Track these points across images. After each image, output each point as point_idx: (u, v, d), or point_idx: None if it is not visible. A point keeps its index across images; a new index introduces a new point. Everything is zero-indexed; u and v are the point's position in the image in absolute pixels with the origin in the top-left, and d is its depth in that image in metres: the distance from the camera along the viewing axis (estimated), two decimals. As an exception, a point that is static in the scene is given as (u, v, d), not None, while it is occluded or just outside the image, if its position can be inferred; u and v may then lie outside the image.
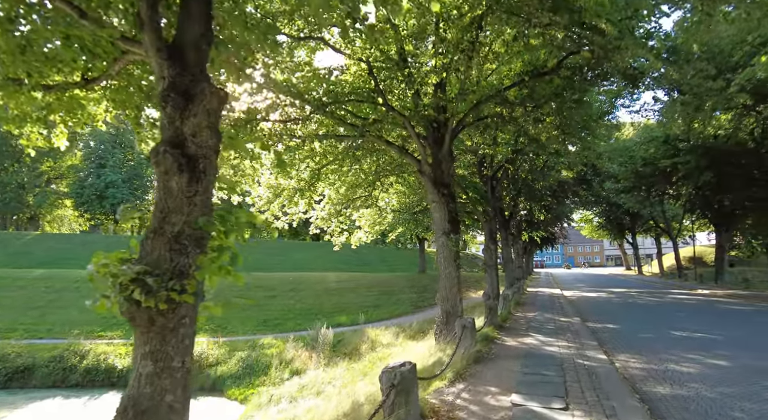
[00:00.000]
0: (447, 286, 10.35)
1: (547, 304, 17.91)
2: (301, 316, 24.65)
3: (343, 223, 17.21)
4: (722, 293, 22.76)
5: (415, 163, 10.92)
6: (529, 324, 12.10)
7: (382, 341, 18.02)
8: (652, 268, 61.48)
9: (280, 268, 42.07)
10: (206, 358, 17.61)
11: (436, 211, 10.61)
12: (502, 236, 27.15)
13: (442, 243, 10.43)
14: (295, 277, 30.51)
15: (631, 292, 24.94)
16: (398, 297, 28.44)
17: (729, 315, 14.24)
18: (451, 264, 10.37)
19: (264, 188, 15.78)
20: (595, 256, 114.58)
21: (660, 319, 13.39)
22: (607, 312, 15.66)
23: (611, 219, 53.83)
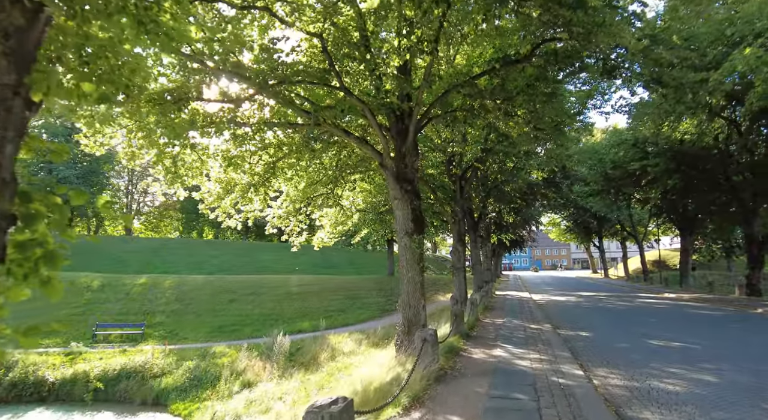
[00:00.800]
0: (409, 292, 9.37)
1: (516, 309, 17.18)
2: (260, 321, 23.28)
3: (302, 223, 16.03)
4: (688, 297, 22.64)
5: (376, 157, 9.91)
6: (498, 332, 11.24)
7: (344, 349, 16.92)
8: (618, 272, 62.41)
9: (245, 271, 40.40)
10: (150, 369, 16.12)
11: (398, 209, 9.63)
12: (471, 238, 26.47)
13: (405, 244, 9.45)
14: (256, 280, 29.03)
15: (600, 296, 24.61)
16: (365, 301, 27.36)
17: (701, 321, 13.79)
18: (414, 267, 9.40)
19: (214, 183, 14.53)
20: (562, 259, 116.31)
21: (633, 325, 12.78)
22: (578, 318, 15.02)
23: (579, 222, 54.35)
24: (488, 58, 10.29)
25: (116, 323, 21.87)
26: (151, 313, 23.62)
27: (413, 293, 9.37)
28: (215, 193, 14.51)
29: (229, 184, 14.33)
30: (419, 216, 9.68)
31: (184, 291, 26.09)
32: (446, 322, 12.56)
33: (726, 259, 48.35)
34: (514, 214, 36.17)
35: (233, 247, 47.01)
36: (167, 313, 23.80)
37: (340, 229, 17.11)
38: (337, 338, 18.60)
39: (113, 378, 15.67)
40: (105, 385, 15.37)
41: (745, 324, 13.06)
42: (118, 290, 25.81)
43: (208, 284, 27.48)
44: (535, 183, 31.43)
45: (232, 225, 15.10)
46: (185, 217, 66.39)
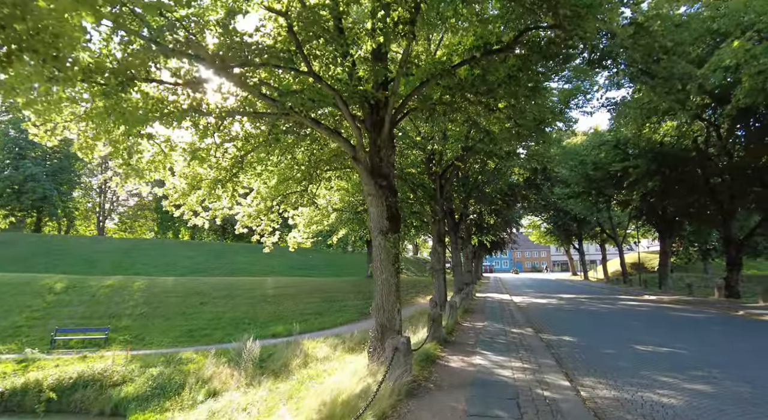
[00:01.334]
0: (383, 295, 8.70)
1: (497, 312, 16.67)
2: (233, 325, 22.35)
3: (274, 222, 15.23)
4: (669, 299, 22.50)
5: (349, 150, 9.22)
6: (478, 337, 10.64)
7: (318, 355, 16.16)
8: (597, 274, 62.87)
9: (220, 272, 39.32)
10: (110, 377, 15.12)
11: (372, 205, 8.95)
12: (452, 239, 25.97)
13: (379, 243, 8.78)
14: (230, 282, 28.00)
15: (581, 298, 24.33)
16: (343, 304, 26.61)
17: (684, 324, 13.45)
18: (389, 268, 8.73)
19: (178, 178, 13.68)
20: (542, 261, 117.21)
21: (617, 329, 12.34)
22: (560, 321, 14.56)
23: (559, 225, 54.53)
24: (468, 46, 9.70)
25: (78, 327, 20.69)
26: (117, 316, 22.48)
27: (387, 296, 8.70)
28: (180, 189, 13.68)
29: (195, 180, 13.52)
30: (395, 214, 9.02)
31: (153, 293, 24.96)
32: (424, 326, 11.95)
33: (703, 261, 49.05)
34: (495, 215, 35.91)
35: (208, 249, 45.73)
36: (134, 316, 22.67)
37: (314, 228, 16.35)
38: (311, 343, 17.83)
39: (69, 387, 14.63)
40: (59, 394, 14.32)
41: (728, 327, 12.75)
42: (83, 292, 24.53)
43: (179, 286, 26.38)
44: (516, 184, 31.20)
45: (199, 223, 14.26)
46: (160, 218, 64.52)
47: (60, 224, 61.83)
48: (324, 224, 16.87)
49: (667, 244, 31.39)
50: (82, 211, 62.38)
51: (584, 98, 20.87)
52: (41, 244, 42.70)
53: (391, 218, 8.89)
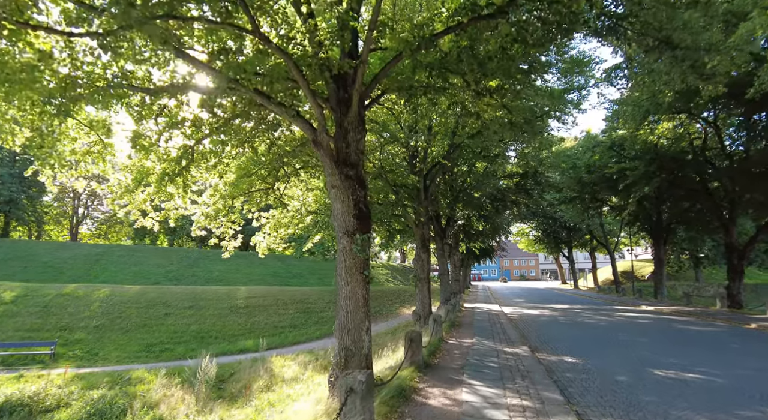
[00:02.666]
0: (348, 310, 7.00)
1: (487, 326, 15.02)
2: (197, 339, 20.41)
3: (235, 224, 13.47)
4: (668, 310, 21.07)
5: (308, 132, 7.55)
6: (466, 359, 8.97)
7: (286, 375, 14.34)
8: (587, 283, 61.75)
9: (194, 281, 37.23)
10: (41, 401, 13.09)
11: (336, 200, 7.28)
12: (438, 246, 24.36)
13: (344, 246, 7.09)
14: (198, 292, 25.99)
15: (575, 309, 22.82)
16: (321, 315, 24.79)
17: (697, 340, 11.93)
18: (355, 277, 7.05)
19: (122, 171, 11.93)
20: (530, 269, 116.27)
21: (624, 347, 10.76)
22: (557, 337, 12.94)
23: (548, 232, 53.39)
24: (452, 10, 8.13)
25: (22, 342, 18.58)
26: (69, 329, 20.39)
27: (354, 312, 7.00)
28: (124, 184, 11.92)
29: (141, 174, 11.77)
30: (364, 210, 7.35)
31: (113, 303, 22.89)
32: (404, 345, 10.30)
33: (694, 270, 48.10)
34: (484, 221, 34.42)
35: (183, 256, 43.55)
36: (89, 329, 20.61)
37: (282, 232, 14.59)
38: (281, 361, 16.00)
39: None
40: (-23, 423, 12.29)
41: (748, 344, 11.23)
42: (35, 303, 22.38)
43: (143, 296, 24.32)
44: (506, 188, 29.80)
45: (148, 225, 12.50)
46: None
47: (30, 229, 59.01)
48: (295, 228, 15.11)
49: (662, 252, 30.10)
50: (53, 215, 59.59)
51: (579, 94, 19.57)
52: (6, 249, 40.17)
53: (359, 216, 7.22)
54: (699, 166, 22.47)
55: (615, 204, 32.14)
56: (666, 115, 21.33)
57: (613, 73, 16.93)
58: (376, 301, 30.88)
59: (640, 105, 18.81)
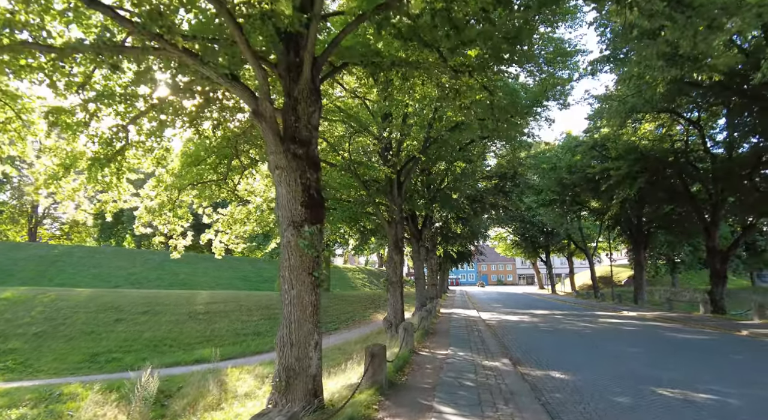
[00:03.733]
0: (292, 321, 5.64)
1: (464, 334, 13.79)
2: (150, 348, 18.65)
3: (183, 219, 11.96)
4: (651, 316, 20.25)
5: (248, 101, 6.18)
6: (438, 376, 7.67)
7: (240, 390, 12.79)
8: (564, 287, 61.50)
9: (158, 285, 35.15)
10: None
11: (281, 184, 5.92)
12: (414, 248, 23.14)
13: (288, 241, 5.73)
14: (155, 296, 24.08)
15: (556, 315, 21.84)
16: (288, 321, 23.23)
17: (693, 350, 10.91)
18: (302, 280, 5.68)
19: (47, 155, 10.38)
20: (508, 274, 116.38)
21: (615, 359, 9.64)
22: (541, 346, 11.78)
23: (526, 237, 52.87)
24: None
25: (-55, 353, 16.56)
26: (4, 336, 18.38)
27: (299, 323, 5.63)
28: (50, 170, 10.37)
29: (70, 158, 10.24)
30: (316, 198, 6.00)
31: (58, 308, 20.90)
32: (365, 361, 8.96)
33: (671, 274, 48.08)
34: (462, 224, 33.41)
35: (148, 258, 41.31)
36: (27, 336, 18.62)
37: (237, 229, 13.10)
38: (237, 372, 14.43)
39: None
40: None
41: (749, 354, 10.24)
42: (-32, 308, 20.24)
43: (94, 300, 22.35)
44: (484, 190, 28.88)
45: (81, 218, 10.89)
46: (102, 223, 59.05)
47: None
48: (253, 225, 13.62)
49: (642, 256, 29.53)
50: (8, 214, 56.31)
51: (562, 89, 18.65)
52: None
53: (309, 203, 5.86)
54: (682, 167, 21.84)
55: (595, 207, 31.53)
56: (650, 115, 20.63)
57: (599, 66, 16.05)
58: (351, 305, 29.46)
59: (625, 101, 17.98)
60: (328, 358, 16.40)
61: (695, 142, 23.87)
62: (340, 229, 16.75)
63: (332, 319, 24.87)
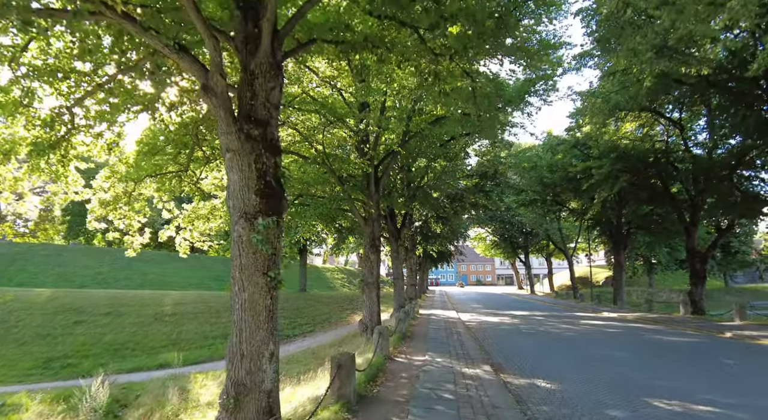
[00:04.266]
0: (243, 328, 4.84)
1: (443, 337, 13.14)
2: (111, 352, 17.52)
3: (140, 214, 11.02)
4: (632, 317, 19.96)
5: (197, 73, 5.37)
6: (414, 387, 6.96)
7: (202, 398, 11.87)
8: (543, 288, 61.68)
9: (125, 285, 33.71)
10: None
11: (233, 168, 5.11)
12: (393, 248, 22.45)
13: (239, 235, 4.94)
14: (120, 297, 22.83)
15: (536, 316, 21.40)
16: (260, 322, 22.25)
17: (682, 354, 10.47)
18: (254, 281, 4.89)
19: (-22, 142, 9.37)
20: (487, 274, 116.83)
21: (603, 364, 9.08)
22: (523, 351, 11.19)
23: (506, 237, 52.80)
24: None
25: None
26: (-51, 342, 17.04)
27: (252, 331, 4.84)
28: (-19, 159, 9.37)
29: (9, 143, 9.29)
30: (274, 186, 5.21)
31: (12, 310, 19.54)
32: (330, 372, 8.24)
33: (648, 275, 48.50)
34: (442, 223, 32.87)
35: (116, 257, 39.64)
36: (-26, 342, 17.31)
37: (199, 224, 12.18)
38: (201, 379, 13.50)
39: None
40: None
41: (736, 357, 9.81)
42: None
43: (53, 301, 21.01)
44: (465, 189, 28.38)
45: (22, 210, 9.81)
46: (71, 220, 56.71)
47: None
48: (218, 221, 12.70)
49: (622, 257, 29.41)
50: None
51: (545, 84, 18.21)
52: None
53: (264, 192, 5.07)
54: (662, 167, 21.64)
55: (575, 208, 31.34)
56: (631, 114, 20.34)
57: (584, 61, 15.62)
58: (328, 307, 28.59)
59: (608, 99, 17.61)
60: (301, 362, 15.58)
61: (675, 143, 23.77)
62: (315, 227, 15.92)
63: (307, 321, 24.00)
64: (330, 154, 12.69)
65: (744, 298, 44.90)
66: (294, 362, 15.79)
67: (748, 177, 19.67)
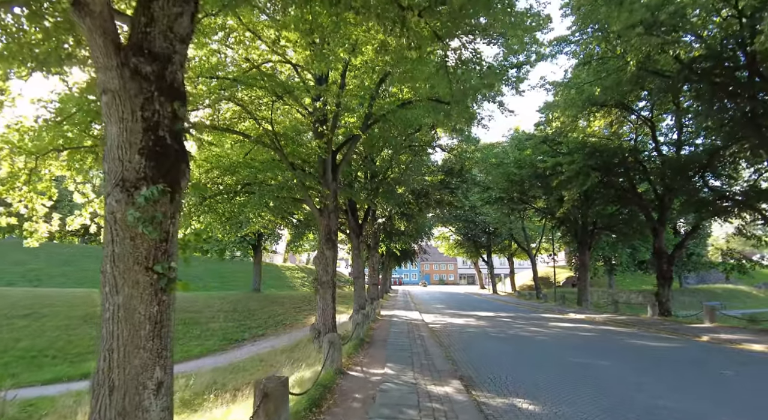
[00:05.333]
0: (116, 348, 3.28)
1: (405, 343, 11.80)
2: (26, 360, 15.29)
3: (46, 197, 9.14)
4: (601, 319, 19.25)
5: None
6: (366, 414, 5.54)
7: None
8: (505, 288, 61.66)
9: (62, 283, 30.79)
10: None
11: (111, 117, 3.54)
12: (353, 244, 21.00)
13: (113, 211, 3.39)
14: (44, 296, 20.30)
15: (503, 318, 20.44)
16: (206, 327, 20.30)
17: (669, 361, 9.51)
18: (133, 280, 3.35)
19: None
20: (449, 274, 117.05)
21: (590, 378, 7.94)
22: (495, 359, 9.96)
23: (469, 236, 52.31)
24: None
25: None
26: None
27: (127, 353, 3.29)
28: None
29: None
30: (167, 143, 3.66)
31: None
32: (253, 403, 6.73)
33: (608, 276, 48.98)
34: (407, 220, 31.70)
35: (53, 252, 36.47)
36: None
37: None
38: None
39: None
40: None
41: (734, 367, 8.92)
42: None
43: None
44: (430, 185, 27.30)
45: None
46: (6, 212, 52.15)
47: None
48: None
49: (587, 257, 29.02)
50: None
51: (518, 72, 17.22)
52: None
53: (152, 152, 3.50)
54: (631, 166, 21.12)
55: (542, 207, 30.80)
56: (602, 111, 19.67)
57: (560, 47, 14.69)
58: (283, 307, 26.78)
59: (582, 91, 16.78)
60: (248, 371, 13.88)
61: (644, 141, 23.42)
62: (265, 219, 14.26)
63: (259, 324, 22.18)
64: (280, 134, 11.09)
65: (698, 298, 46.09)
66: (240, 371, 14.10)
67: (718, 174, 19.30)
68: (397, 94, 14.02)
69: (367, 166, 20.61)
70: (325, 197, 11.94)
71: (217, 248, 27.73)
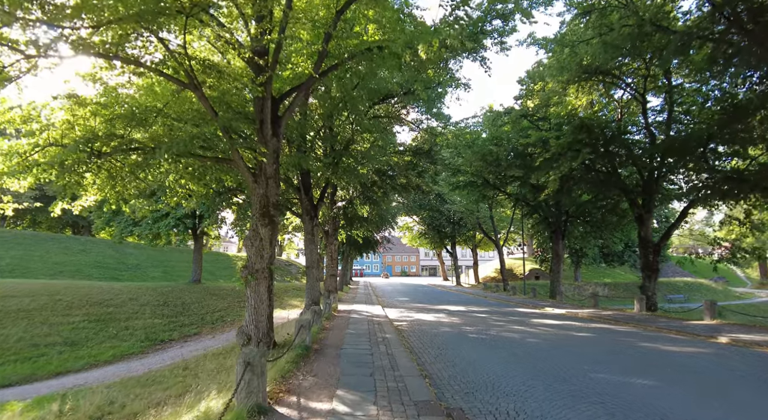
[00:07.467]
0: None
1: (365, 352, 9.02)
2: None
3: None
4: (586, 314, 17.10)
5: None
6: None
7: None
8: (468, 279, 60.06)
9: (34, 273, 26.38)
10: None
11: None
12: (307, 228, 18.00)
13: None
14: None
15: (476, 313, 18.03)
16: (127, 324, 16.83)
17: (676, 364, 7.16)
18: None
19: None
20: (412, 265, 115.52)
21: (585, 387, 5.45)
22: (487, 376, 7.33)
23: (433, 226, 50.23)
24: None
25: None
26: None
27: None
28: None
29: None
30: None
31: None
32: None
33: (574, 268, 47.98)
34: (370, 205, 28.93)
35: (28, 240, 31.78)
36: None
37: None
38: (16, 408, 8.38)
39: None
40: None
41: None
42: None
43: None
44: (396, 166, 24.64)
45: None
46: None
47: None
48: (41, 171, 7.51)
49: (561, 247, 27.12)
50: None
51: (503, 24, 14.62)
52: None
53: None
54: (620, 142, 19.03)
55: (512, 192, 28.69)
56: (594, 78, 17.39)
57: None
58: (224, 301, 23.43)
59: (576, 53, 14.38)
60: (162, 384, 10.66)
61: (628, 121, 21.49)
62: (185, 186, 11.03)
63: (194, 321, 18.87)
64: (195, 57, 7.96)
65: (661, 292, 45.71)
66: (153, 383, 10.90)
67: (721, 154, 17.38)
68: (361, 35, 11.12)
69: (326, 137, 17.64)
70: (263, 157, 8.90)
71: (148, 232, 23.98)
